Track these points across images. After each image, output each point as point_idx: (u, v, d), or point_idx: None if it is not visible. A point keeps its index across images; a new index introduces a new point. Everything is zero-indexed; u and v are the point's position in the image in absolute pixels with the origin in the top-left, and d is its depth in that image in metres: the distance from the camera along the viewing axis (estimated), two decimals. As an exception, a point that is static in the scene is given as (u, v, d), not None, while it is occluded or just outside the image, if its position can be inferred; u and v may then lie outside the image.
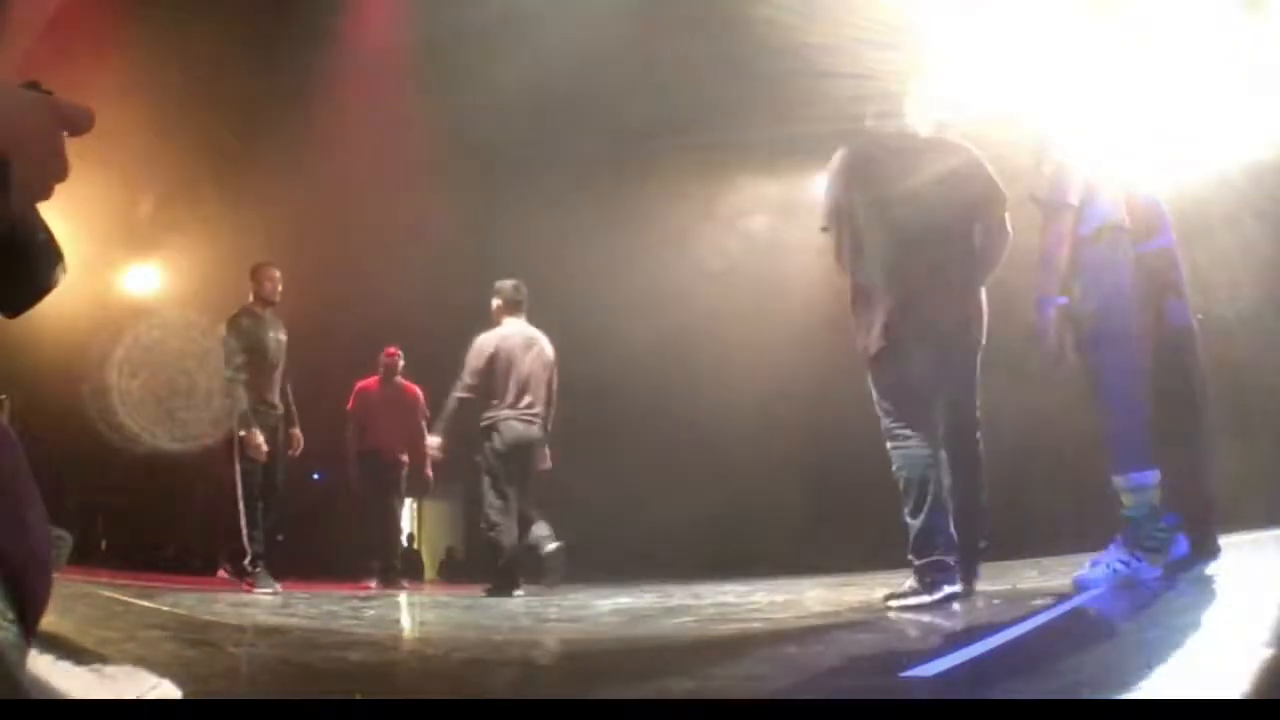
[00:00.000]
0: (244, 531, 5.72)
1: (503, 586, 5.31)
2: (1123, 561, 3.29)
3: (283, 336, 6.08)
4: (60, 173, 0.98)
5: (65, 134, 0.99)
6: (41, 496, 1.23)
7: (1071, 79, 3.60)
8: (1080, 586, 3.30)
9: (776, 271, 7.23)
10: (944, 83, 3.82)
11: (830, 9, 5.51)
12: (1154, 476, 3.32)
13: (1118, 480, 3.35)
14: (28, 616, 1.10)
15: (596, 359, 7.56)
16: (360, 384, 7.18)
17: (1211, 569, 3.43)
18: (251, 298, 6.06)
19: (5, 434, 1.17)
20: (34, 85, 0.98)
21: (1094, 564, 3.36)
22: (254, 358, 5.86)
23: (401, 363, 7.18)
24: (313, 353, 6.65)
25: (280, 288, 6.07)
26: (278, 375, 6.00)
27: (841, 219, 3.58)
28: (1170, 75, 4.00)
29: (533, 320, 5.96)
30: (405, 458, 6.95)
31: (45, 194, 0.97)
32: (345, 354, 7.51)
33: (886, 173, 3.54)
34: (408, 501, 7.17)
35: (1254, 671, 1.56)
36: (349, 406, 7.12)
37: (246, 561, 5.66)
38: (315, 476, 7.08)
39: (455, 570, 10.06)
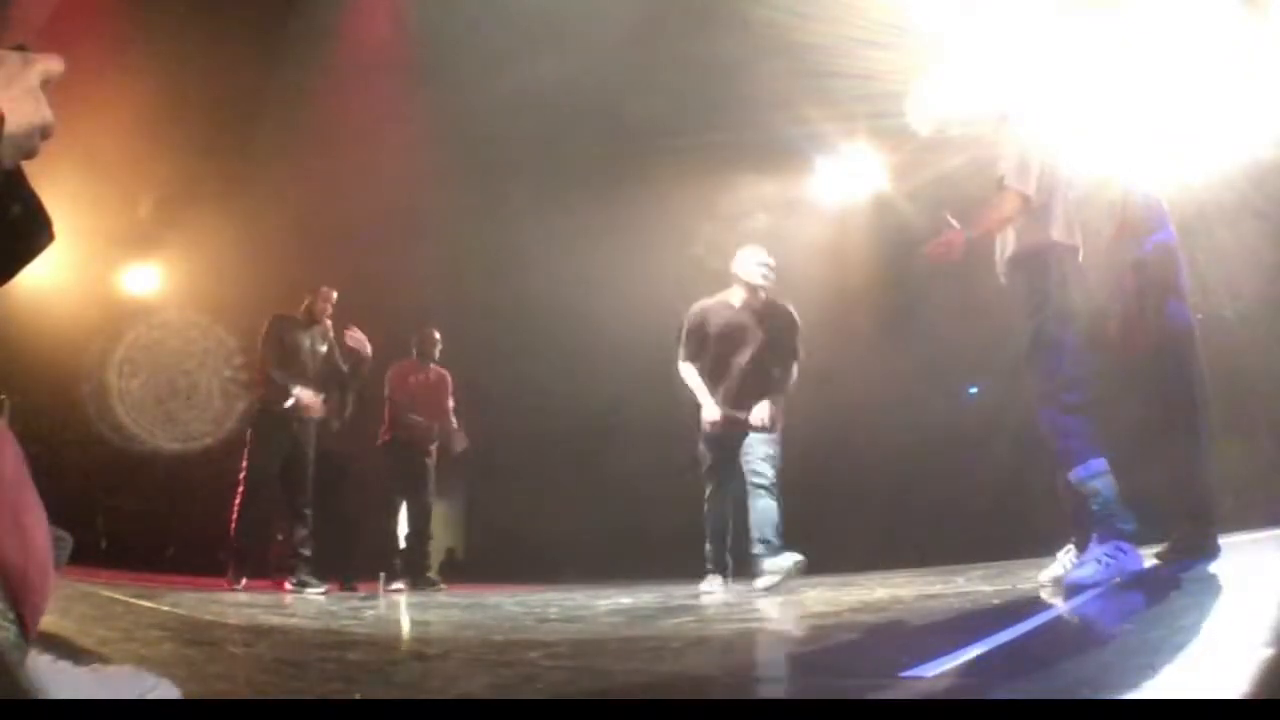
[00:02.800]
0: (233, 525, 5.74)
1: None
2: (1109, 555, 3.27)
3: (322, 348, 6.13)
4: (46, 129, 0.98)
5: (47, 88, 0.98)
6: (41, 496, 1.23)
7: (1071, 78, 3.60)
8: (1071, 588, 3.25)
9: (776, 271, 7.21)
10: (944, 82, 3.82)
11: (830, 9, 5.51)
12: (1102, 463, 3.39)
13: (1075, 477, 3.42)
14: (28, 616, 1.10)
15: (596, 358, 7.57)
16: (394, 370, 6.72)
17: (1211, 569, 3.42)
18: (301, 311, 6.16)
19: (5, 435, 1.17)
20: (21, 48, 0.98)
21: (1081, 564, 3.33)
22: (279, 361, 5.91)
23: (439, 347, 6.77)
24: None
25: (330, 309, 6.18)
26: (306, 382, 5.97)
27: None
28: (1170, 74, 4.00)
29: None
30: (434, 449, 6.64)
31: (33, 150, 0.97)
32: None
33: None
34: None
35: (1254, 671, 1.56)
36: (390, 392, 6.65)
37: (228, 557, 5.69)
38: None
39: (455, 570, 10.06)
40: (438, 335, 6.80)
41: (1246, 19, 4.11)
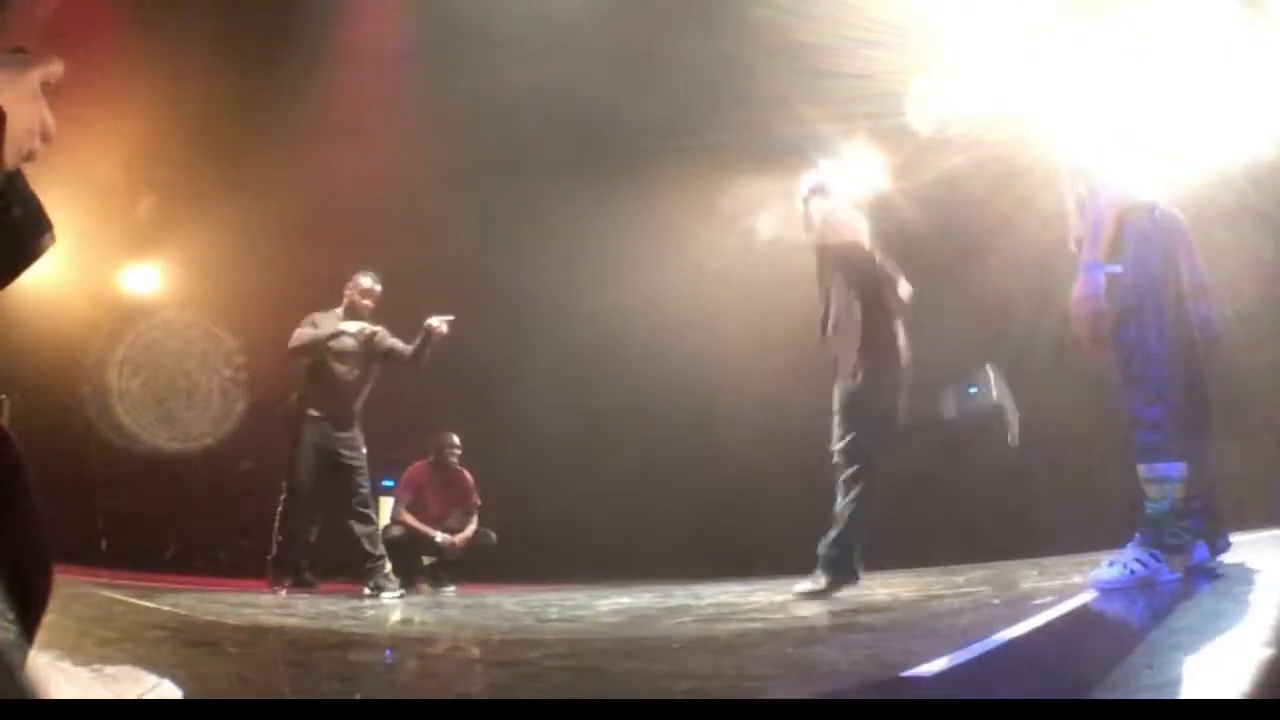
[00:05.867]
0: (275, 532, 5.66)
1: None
2: (1141, 561, 3.17)
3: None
4: (46, 131, 0.98)
5: (46, 93, 0.98)
6: (41, 496, 1.23)
7: (1070, 78, 3.60)
8: (1095, 587, 3.17)
9: (777, 271, 7.21)
10: (944, 82, 3.82)
11: (830, 9, 5.51)
12: (1179, 469, 3.20)
13: (1142, 470, 3.23)
14: (28, 616, 1.10)
15: (597, 358, 7.57)
16: (412, 470, 6.65)
17: (1211, 568, 3.41)
18: (341, 310, 5.99)
19: (4, 435, 1.17)
20: (19, 50, 0.98)
21: (1110, 564, 3.23)
22: (316, 371, 5.77)
23: (459, 451, 6.60)
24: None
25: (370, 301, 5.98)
26: (350, 391, 5.82)
27: None
28: (1170, 74, 4.00)
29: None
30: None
31: (33, 152, 0.97)
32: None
33: None
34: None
35: (1254, 671, 1.56)
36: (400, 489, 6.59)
37: (269, 558, 5.63)
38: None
39: (455, 570, 10.05)
40: (456, 439, 6.57)
41: (1246, 19, 4.11)
